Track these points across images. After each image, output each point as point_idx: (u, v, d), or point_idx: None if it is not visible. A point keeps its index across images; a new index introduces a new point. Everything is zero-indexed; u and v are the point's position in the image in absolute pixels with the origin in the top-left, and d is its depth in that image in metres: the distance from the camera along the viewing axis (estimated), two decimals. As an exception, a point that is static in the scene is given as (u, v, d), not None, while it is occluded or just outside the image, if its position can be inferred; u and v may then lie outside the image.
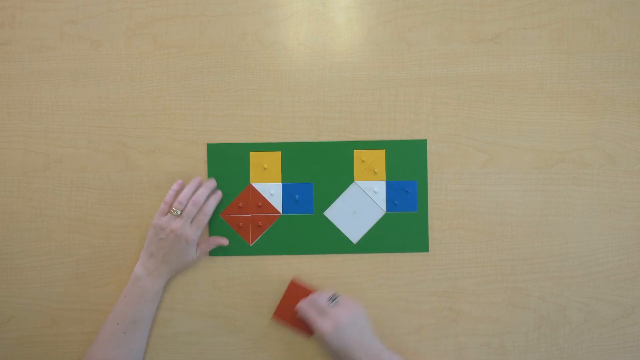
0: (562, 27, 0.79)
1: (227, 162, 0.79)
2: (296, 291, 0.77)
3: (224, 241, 0.78)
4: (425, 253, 0.79)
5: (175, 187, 0.76)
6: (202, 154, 0.79)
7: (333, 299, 0.73)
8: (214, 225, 0.78)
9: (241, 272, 0.79)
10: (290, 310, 0.77)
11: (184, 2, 0.79)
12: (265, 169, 0.79)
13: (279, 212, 0.79)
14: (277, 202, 0.79)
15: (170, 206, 0.75)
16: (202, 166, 0.79)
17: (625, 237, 0.79)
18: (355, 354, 0.70)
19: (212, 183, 0.77)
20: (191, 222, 0.74)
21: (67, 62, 0.79)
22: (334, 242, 0.79)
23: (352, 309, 0.73)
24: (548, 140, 0.79)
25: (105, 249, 0.79)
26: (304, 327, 0.76)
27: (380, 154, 0.79)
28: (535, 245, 0.79)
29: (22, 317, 0.78)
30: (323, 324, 0.71)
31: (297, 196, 0.79)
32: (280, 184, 0.79)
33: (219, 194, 0.78)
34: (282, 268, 0.79)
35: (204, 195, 0.75)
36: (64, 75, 0.79)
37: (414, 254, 0.79)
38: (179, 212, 0.74)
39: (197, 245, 0.76)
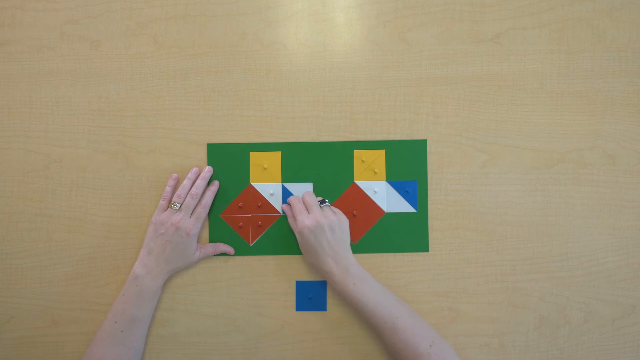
0: (562, 27, 0.79)
1: (227, 162, 0.79)
2: None
3: (230, 250, 0.78)
4: (425, 253, 0.79)
5: (171, 182, 0.76)
6: (202, 154, 0.79)
7: (322, 201, 0.76)
8: (214, 225, 0.79)
9: (241, 272, 0.79)
10: None
11: (184, 2, 0.79)
12: (265, 169, 0.79)
13: (279, 212, 0.79)
14: (277, 202, 0.79)
15: (169, 201, 0.75)
16: (202, 166, 0.78)
17: (625, 237, 0.79)
18: (327, 258, 0.72)
19: (209, 173, 0.77)
20: (190, 215, 0.74)
21: (67, 62, 0.79)
22: (334, 242, 0.79)
23: (337, 216, 0.74)
24: (548, 140, 0.79)
25: (105, 248, 0.79)
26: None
27: (380, 154, 0.79)
28: (535, 245, 0.79)
29: (22, 317, 0.78)
30: (305, 218, 0.73)
31: (297, 196, 0.79)
32: (280, 184, 0.79)
33: (216, 185, 0.77)
34: (282, 268, 0.79)
35: (201, 187, 0.75)
36: (64, 75, 0.79)
37: (414, 254, 0.79)
38: (178, 206, 0.74)
39: (202, 246, 0.77)
